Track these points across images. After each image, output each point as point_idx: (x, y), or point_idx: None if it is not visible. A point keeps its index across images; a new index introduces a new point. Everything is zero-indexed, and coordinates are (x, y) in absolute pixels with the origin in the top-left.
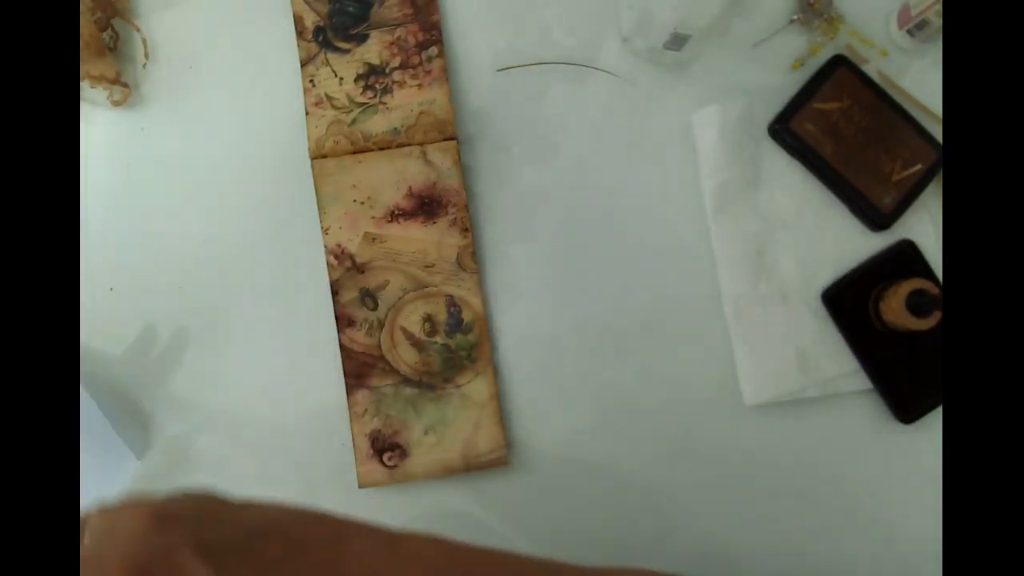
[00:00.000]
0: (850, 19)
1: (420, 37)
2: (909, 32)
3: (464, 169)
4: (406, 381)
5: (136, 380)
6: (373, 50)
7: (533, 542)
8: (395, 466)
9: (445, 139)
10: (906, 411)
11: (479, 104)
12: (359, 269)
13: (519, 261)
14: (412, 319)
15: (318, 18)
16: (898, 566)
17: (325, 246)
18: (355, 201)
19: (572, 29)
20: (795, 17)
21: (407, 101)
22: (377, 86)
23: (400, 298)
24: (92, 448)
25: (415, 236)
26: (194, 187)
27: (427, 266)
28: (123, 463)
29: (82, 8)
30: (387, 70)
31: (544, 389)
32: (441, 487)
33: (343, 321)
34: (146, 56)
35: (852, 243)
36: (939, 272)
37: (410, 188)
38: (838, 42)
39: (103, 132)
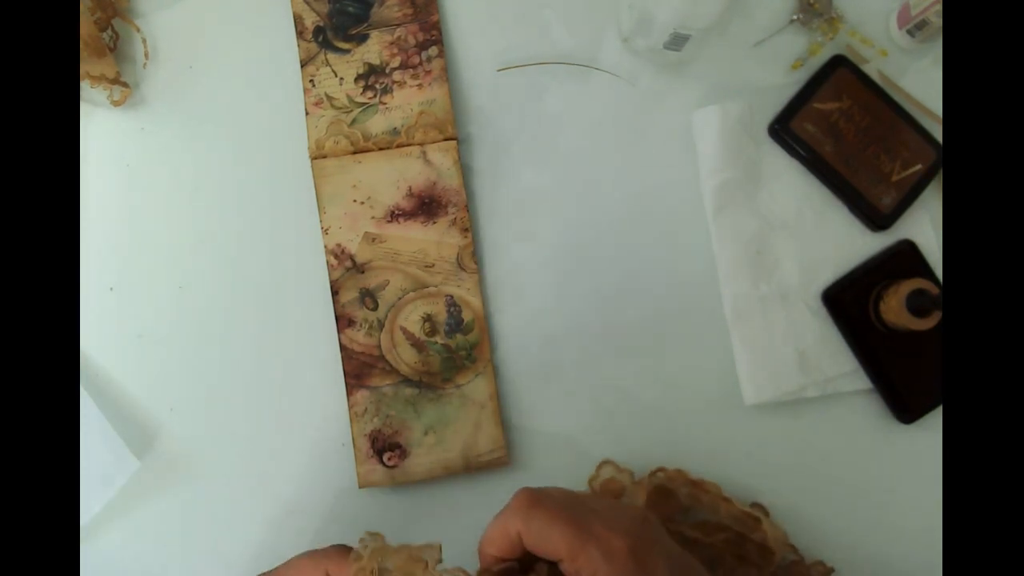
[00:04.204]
0: (850, 19)
1: (420, 37)
2: (909, 32)
3: (464, 169)
4: (406, 381)
5: (136, 380)
6: (373, 50)
7: None
8: (395, 466)
9: (445, 139)
10: (906, 411)
11: (479, 104)
12: (359, 269)
13: (519, 261)
14: (412, 319)
15: (318, 18)
16: (898, 566)
17: (325, 246)
18: (355, 201)
19: (572, 29)
20: (795, 17)
21: (407, 101)
22: (377, 86)
23: (400, 298)
24: (92, 448)
25: (415, 236)
26: (194, 187)
27: (427, 266)
28: (123, 463)
29: (82, 8)
30: (387, 70)
31: (544, 389)
32: (441, 487)
33: (343, 321)
34: (146, 56)
35: (852, 243)
36: (939, 272)
37: (410, 188)
38: (838, 42)
39: (103, 132)
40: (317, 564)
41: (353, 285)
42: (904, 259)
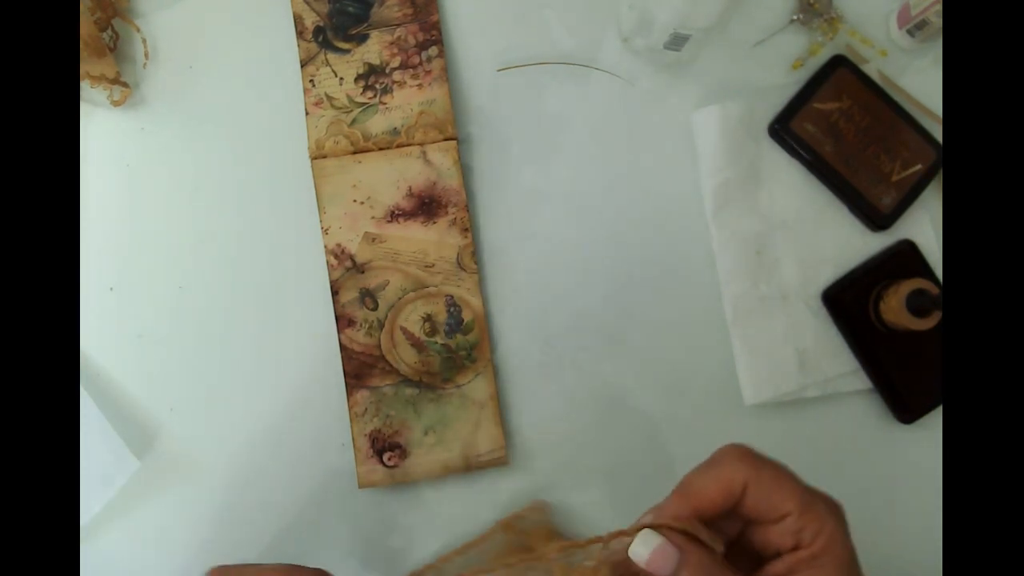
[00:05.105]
0: (850, 19)
1: (420, 37)
2: (909, 32)
3: (464, 169)
4: (406, 381)
5: (136, 380)
6: (373, 50)
7: None
8: (395, 466)
9: (445, 139)
10: (906, 411)
11: (479, 104)
12: (359, 269)
13: (519, 261)
14: (412, 319)
15: (318, 18)
16: (898, 566)
17: (325, 246)
18: (355, 201)
19: (572, 29)
20: (795, 17)
21: (407, 101)
22: (377, 86)
23: (400, 298)
24: (92, 448)
25: (415, 236)
26: (194, 187)
27: (427, 266)
28: (123, 463)
29: (82, 8)
30: (387, 70)
31: (544, 389)
32: (441, 487)
33: (343, 321)
34: (146, 56)
35: (852, 243)
36: (939, 272)
37: (410, 188)
38: (838, 42)
39: (103, 132)
40: None
41: (353, 285)
42: (904, 259)
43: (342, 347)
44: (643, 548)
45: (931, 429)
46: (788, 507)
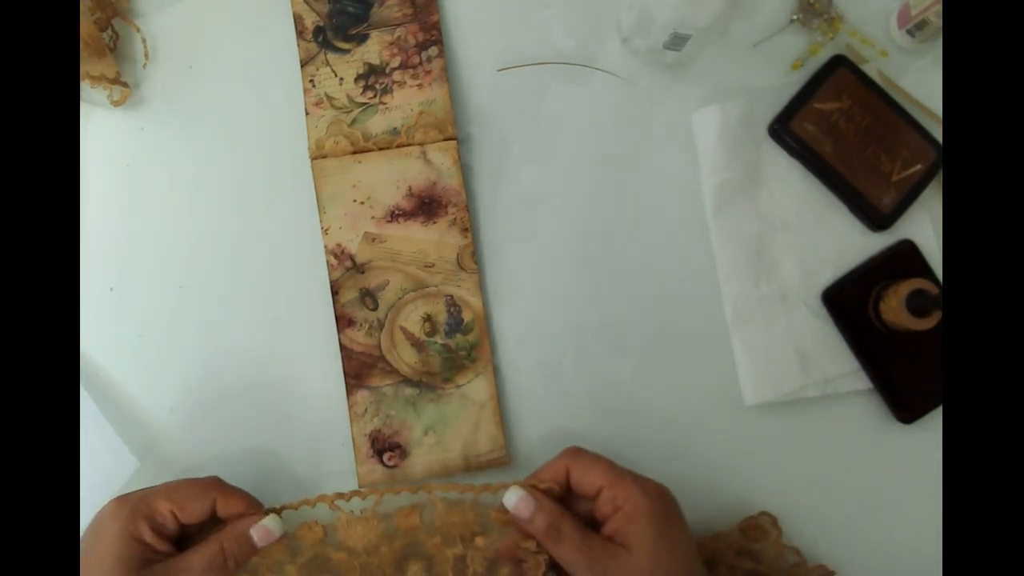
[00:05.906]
0: (850, 19)
1: (420, 37)
2: (909, 32)
3: (464, 169)
4: (406, 381)
5: (136, 380)
6: (373, 50)
7: None
8: (395, 466)
9: (445, 139)
10: (906, 411)
11: (479, 104)
12: (359, 269)
13: (519, 261)
14: (412, 319)
15: (318, 18)
16: (898, 566)
17: (325, 246)
18: (355, 201)
19: (572, 29)
20: (795, 17)
21: (407, 101)
22: (377, 86)
23: (400, 298)
24: (92, 448)
25: (415, 236)
26: (194, 187)
27: (427, 266)
28: (123, 463)
29: (82, 8)
30: (387, 70)
31: (544, 389)
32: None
33: (343, 321)
34: (146, 56)
35: (852, 243)
36: (939, 272)
37: (410, 188)
38: (838, 42)
39: (103, 132)
40: (205, 491)
41: (353, 285)
42: (904, 259)
43: (342, 347)
44: (512, 497)
45: (931, 429)
46: (600, 482)
